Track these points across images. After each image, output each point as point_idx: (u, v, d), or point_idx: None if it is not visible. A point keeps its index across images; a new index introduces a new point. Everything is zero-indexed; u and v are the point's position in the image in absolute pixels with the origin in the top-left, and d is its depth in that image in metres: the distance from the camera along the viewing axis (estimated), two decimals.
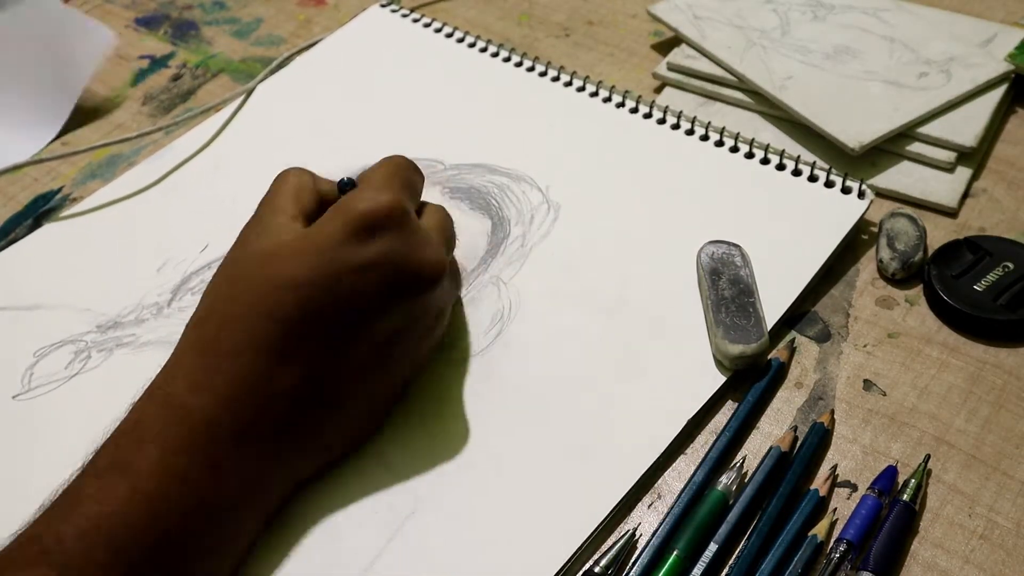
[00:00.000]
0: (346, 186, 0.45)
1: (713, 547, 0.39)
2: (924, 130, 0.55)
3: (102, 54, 0.66)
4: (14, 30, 0.65)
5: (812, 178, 0.54)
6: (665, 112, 0.58)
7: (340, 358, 0.39)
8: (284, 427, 0.38)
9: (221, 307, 0.39)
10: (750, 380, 0.45)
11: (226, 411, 0.37)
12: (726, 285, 0.47)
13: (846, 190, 0.53)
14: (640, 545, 0.40)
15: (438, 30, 0.67)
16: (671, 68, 0.63)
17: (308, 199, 0.42)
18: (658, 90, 0.63)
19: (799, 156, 0.55)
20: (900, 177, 0.55)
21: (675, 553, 0.39)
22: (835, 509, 0.41)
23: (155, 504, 0.35)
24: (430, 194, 0.55)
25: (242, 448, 0.37)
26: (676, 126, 0.58)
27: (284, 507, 0.40)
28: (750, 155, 0.56)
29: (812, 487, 0.41)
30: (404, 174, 0.44)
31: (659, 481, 0.42)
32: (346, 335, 0.39)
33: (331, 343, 0.39)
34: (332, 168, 0.57)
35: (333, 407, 0.40)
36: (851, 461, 0.43)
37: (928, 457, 0.42)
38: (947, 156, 0.55)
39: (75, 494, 0.35)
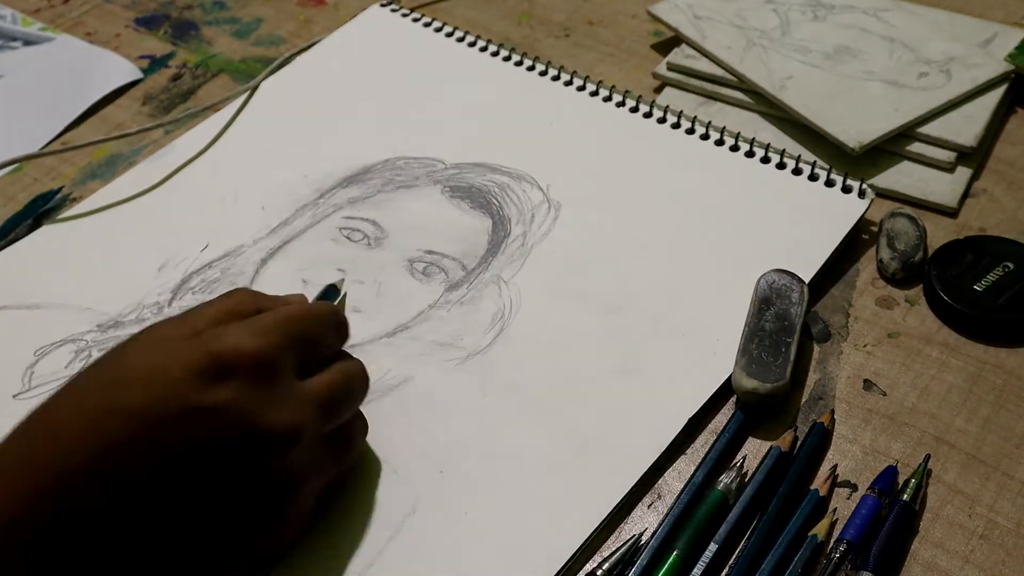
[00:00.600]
0: (328, 294, 0.44)
1: (713, 547, 0.39)
2: (924, 130, 0.55)
3: (120, 83, 0.67)
4: (40, 62, 0.69)
5: (812, 177, 0.54)
6: (665, 112, 0.58)
7: (155, 516, 0.34)
8: (82, 561, 0.33)
9: (55, 411, 0.35)
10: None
11: (26, 519, 0.32)
12: (771, 317, 0.46)
13: (846, 190, 0.53)
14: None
15: (438, 30, 0.67)
16: (671, 68, 0.63)
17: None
18: (658, 90, 0.63)
19: (799, 156, 0.55)
20: (900, 177, 0.55)
21: (675, 553, 0.39)
22: (835, 509, 0.41)
23: None
24: (430, 193, 0.55)
25: (35, 564, 0.32)
26: (676, 125, 0.58)
27: None
28: (750, 154, 0.56)
29: (812, 487, 0.41)
30: (304, 325, 0.39)
31: (659, 481, 0.42)
32: (168, 489, 0.34)
33: (148, 494, 0.34)
34: (332, 168, 0.58)
35: (139, 559, 0.34)
36: (851, 461, 0.43)
37: (928, 457, 0.42)
38: (947, 156, 0.55)
39: None
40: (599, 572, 0.39)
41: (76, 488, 0.33)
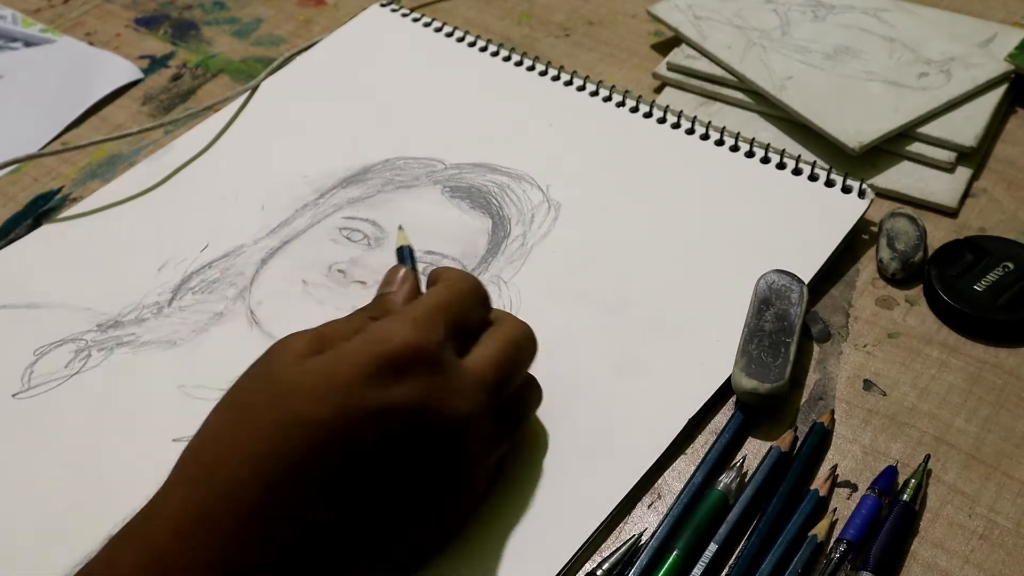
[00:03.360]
0: (407, 257, 0.44)
1: (713, 547, 0.39)
2: (924, 130, 0.55)
3: (120, 83, 0.67)
4: (40, 62, 0.69)
5: (812, 177, 0.54)
6: (665, 112, 0.58)
7: (349, 510, 0.34)
8: None
9: (222, 439, 0.34)
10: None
11: (212, 566, 0.32)
12: (770, 318, 0.45)
13: (846, 190, 0.53)
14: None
15: (438, 30, 0.67)
16: (671, 68, 0.63)
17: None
18: (658, 90, 0.63)
19: (799, 156, 0.55)
20: (900, 177, 0.55)
21: (675, 553, 0.39)
22: (835, 509, 0.41)
23: None
24: (430, 194, 0.55)
25: None
26: (676, 125, 0.58)
27: None
28: (750, 154, 0.56)
29: (812, 487, 0.41)
30: (456, 307, 0.39)
31: (659, 481, 0.42)
32: (358, 485, 0.34)
33: (341, 493, 0.34)
34: (332, 168, 0.58)
35: (338, 564, 0.35)
36: (851, 461, 0.43)
37: (928, 457, 0.42)
38: (947, 156, 0.55)
39: None
40: (599, 572, 0.39)
41: (273, 504, 0.33)
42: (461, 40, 0.66)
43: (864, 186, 0.53)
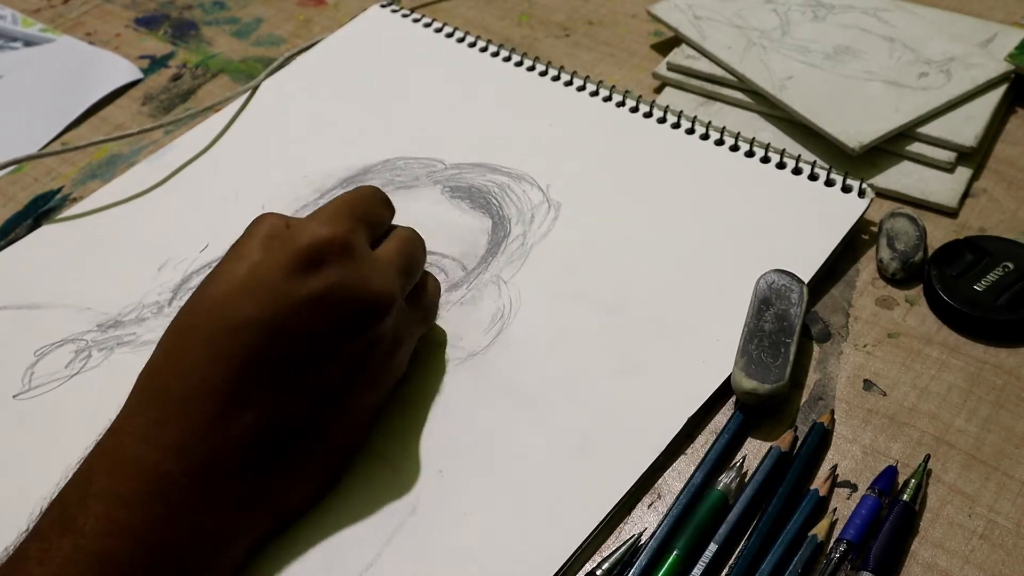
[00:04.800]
0: None
1: (713, 547, 0.39)
2: (924, 130, 0.55)
3: (120, 83, 0.67)
4: (40, 62, 0.70)
5: (812, 177, 0.54)
6: (665, 112, 0.58)
7: (293, 398, 0.38)
8: (239, 476, 0.37)
9: (172, 354, 0.38)
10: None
11: (176, 462, 0.36)
12: (770, 318, 0.46)
13: (846, 189, 0.53)
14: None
15: (438, 30, 0.67)
16: (671, 68, 0.63)
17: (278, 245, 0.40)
18: (658, 90, 0.63)
19: (799, 155, 0.55)
20: (900, 177, 0.55)
21: (675, 553, 0.39)
22: (835, 509, 0.41)
23: (101, 562, 0.33)
24: (430, 194, 0.55)
25: (194, 500, 0.36)
26: (676, 125, 0.58)
27: (244, 563, 0.39)
28: (750, 154, 0.56)
29: (812, 487, 0.41)
30: (361, 204, 0.43)
31: (659, 481, 0.42)
32: (297, 373, 0.38)
33: (283, 383, 0.38)
34: (332, 168, 0.58)
35: (289, 453, 0.39)
36: (851, 461, 0.43)
37: (928, 457, 0.42)
38: (947, 156, 0.55)
39: (20, 556, 0.34)
40: (599, 572, 0.39)
41: (226, 405, 0.36)
42: (461, 40, 0.66)
43: (864, 186, 0.53)
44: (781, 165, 0.55)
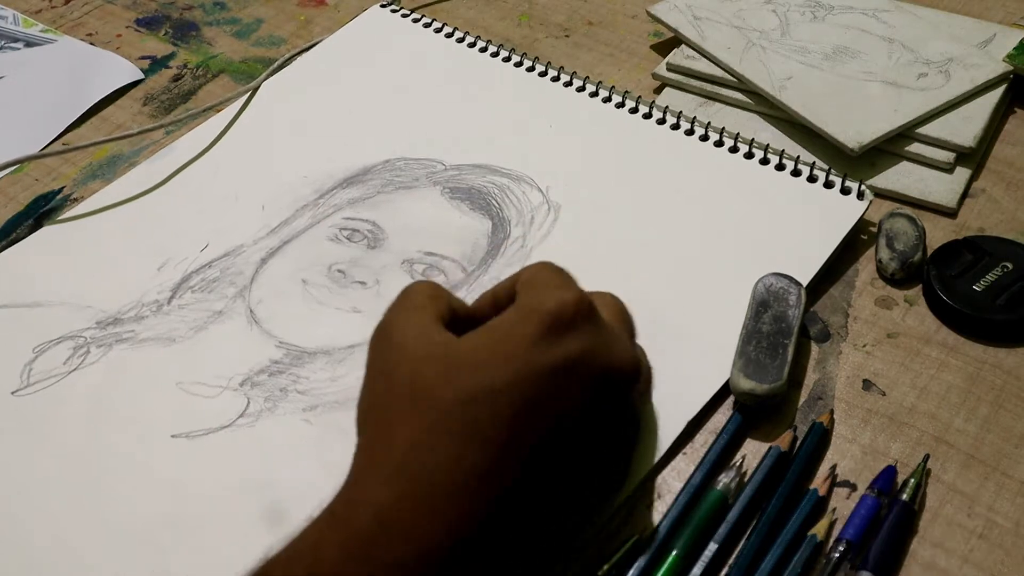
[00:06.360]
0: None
1: (713, 547, 0.39)
2: (923, 130, 0.56)
3: (121, 83, 0.67)
4: (41, 63, 0.69)
5: (811, 178, 0.54)
6: (665, 112, 0.58)
7: (537, 475, 0.34)
8: (482, 562, 0.34)
9: (398, 424, 0.34)
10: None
11: (416, 549, 0.32)
12: (768, 320, 0.46)
13: (845, 190, 0.53)
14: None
15: (438, 30, 0.67)
16: (671, 68, 0.63)
17: (443, 307, 0.38)
18: (658, 90, 0.63)
19: (799, 156, 0.55)
20: (899, 177, 0.55)
21: (674, 553, 0.39)
22: (834, 509, 0.41)
23: None
24: (430, 195, 0.55)
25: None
26: (676, 126, 0.58)
27: None
28: (750, 155, 0.56)
29: (811, 487, 0.41)
30: (567, 273, 0.39)
31: (659, 481, 0.42)
32: (544, 448, 0.34)
33: (531, 459, 0.34)
34: (332, 168, 0.58)
35: (528, 532, 0.35)
36: (850, 461, 0.43)
37: (927, 457, 0.42)
38: (946, 156, 0.55)
39: None
40: (599, 572, 0.39)
41: (467, 478, 0.33)
42: (461, 41, 0.66)
43: (863, 187, 0.53)
44: (780, 166, 0.55)
